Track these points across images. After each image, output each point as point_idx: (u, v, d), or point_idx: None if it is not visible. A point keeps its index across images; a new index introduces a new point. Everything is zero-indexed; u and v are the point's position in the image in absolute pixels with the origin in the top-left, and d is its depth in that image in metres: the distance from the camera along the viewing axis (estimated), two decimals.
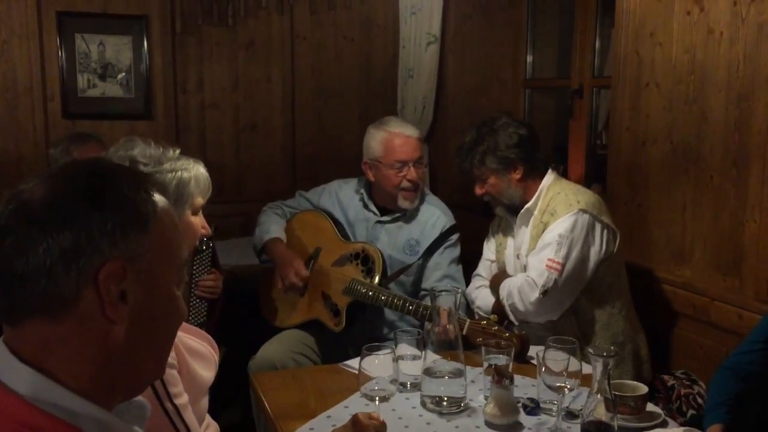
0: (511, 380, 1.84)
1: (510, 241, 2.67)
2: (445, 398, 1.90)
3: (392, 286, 2.66)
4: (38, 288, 0.86)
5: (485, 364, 1.94)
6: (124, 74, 4.00)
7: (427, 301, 2.38)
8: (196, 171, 1.60)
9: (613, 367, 2.37)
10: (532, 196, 2.55)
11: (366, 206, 2.79)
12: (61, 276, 0.86)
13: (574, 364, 1.78)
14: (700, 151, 2.52)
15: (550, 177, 2.56)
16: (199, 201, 1.62)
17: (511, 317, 2.44)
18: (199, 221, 1.64)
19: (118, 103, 4.02)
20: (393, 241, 2.73)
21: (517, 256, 2.60)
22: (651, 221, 2.77)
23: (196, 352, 1.60)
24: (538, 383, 1.86)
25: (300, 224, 2.82)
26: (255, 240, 2.81)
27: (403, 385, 2.02)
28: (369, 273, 2.59)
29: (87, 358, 0.89)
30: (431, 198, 2.84)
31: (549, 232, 2.44)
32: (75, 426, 0.86)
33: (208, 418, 1.72)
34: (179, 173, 1.55)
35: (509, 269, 2.64)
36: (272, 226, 2.78)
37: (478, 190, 2.60)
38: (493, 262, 2.72)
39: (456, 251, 2.77)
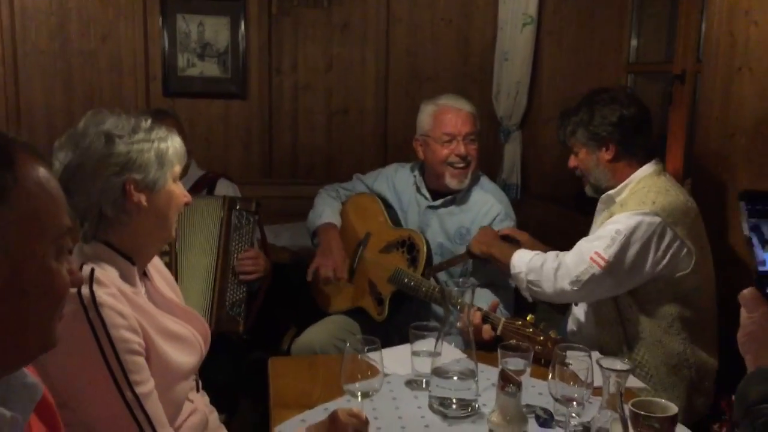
0: (519, 387, 1.68)
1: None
2: (454, 400, 1.78)
3: (442, 277, 2.54)
4: None
5: (500, 367, 1.80)
6: (222, 54, 4.10)
7: (478, 294, 2.25)
8: (172, 140, 1.57)
9: (660, 391, 2.16)
10: (619, 183, 2.35)
11: (419, 190, 2.68)
12: None
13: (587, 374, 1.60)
14: None
15: (648, 168, 2.33)
16: (177, 169, 1.60)
17: (524, 293, 2.29)
18: (180, 189, 1.62)
19: (215, 82, 4.13)
20: (444, 228, 2.61)
21: None
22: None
23: (174, 336, 1.57)
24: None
25: (353, 207, 2.77)
26: (308, 223, 2.79)
27: (417, 383, 1.92)
28: (413, 262, 2.49)
29: None
30: (486, 183, 2.68)
31: (609, 224, 2.24)
32: None
33: (197, 404, 1.70)
34: (156, 143, 1.53)
35: None
36: (326, 209, 2.74)
37: (570, 163, 2.47)
38: None
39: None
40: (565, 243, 2.62)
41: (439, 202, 2.65)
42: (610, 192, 2.36)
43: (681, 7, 3.22)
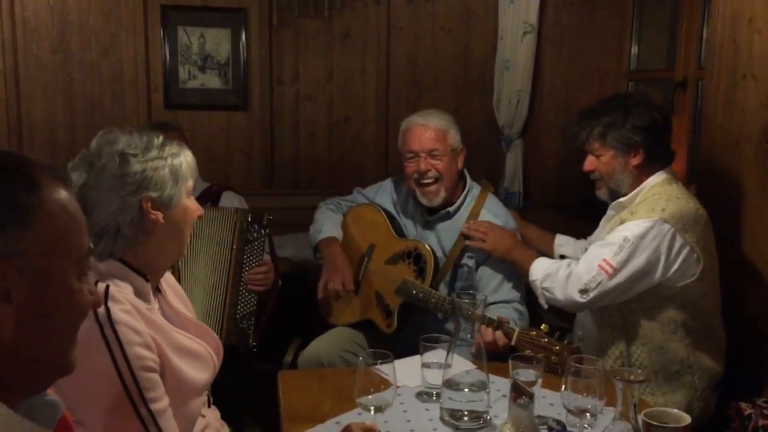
0: (531, 398, 1.68)
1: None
2: (466, 412, 1.78)
3: (442, 289, 2.54)
4: None
5: (511, 379, 1.80)
6: (223, 66, 4.10)
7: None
8: (184, 155, 1.58)
9: (657, 395, 2.17)
10: (634, 189, 2.34)
11: (416, 205, 2.68)
12: None
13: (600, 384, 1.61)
14: None
15: (660, 176, 2.32)
16: (191, 183, 1.60)
17: (541, 300, 2.30)
18: (193, 204, 1.62)
19: (216, 94, 4.13)
20: (441, 242, 2.60)
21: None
22: (744, 231, 2.47)
23: (188, 352, 1.57)
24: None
25: (355, 219, 2.76)
26: (310, 238, 2.79)
27: (428, 395, 1.92)
28: (421, 273, 2.49)
29: None
30: (491, 202, 2.65)
31: (618, 231, 2.24)
32: None
33: (208, 419, 1.70)
34: (169, 160, 1.53)
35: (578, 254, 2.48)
36: (326, 224, 2.74)
37: (588, 166, 2.38)
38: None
39: None
40: None
41: (435, 216, 2.64)
42: (623, 199, 2.35)
43: (682, 15, 3.23)
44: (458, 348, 1.88)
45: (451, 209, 2.62)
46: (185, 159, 1.58)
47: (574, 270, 2.23)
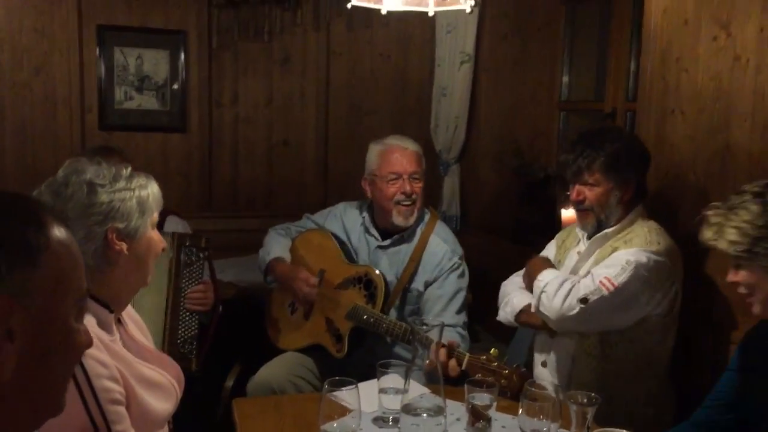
0: (489, 422, 1.75)
1: (572, 255, 2.50)
2: None
3: (392, 314, 2.59)
4: None
5: (467, 403, 1.86)
6: (161, 87, 4.06)
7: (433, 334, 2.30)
8: (151, 187, 1.58)
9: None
10: (619, 222, 2.37)
11: (367, 230, 2.73)
12: None
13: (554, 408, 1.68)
14: (724, 185, 2.37)
15: (641, 211, 2.38)
16: (156, 215, 1.61)
17: (533, 301, 2.34)
18: (157, 236, 1.62)
19: (154, 115, 4.09)
20: (393, 267, 2.66)
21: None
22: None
23: (151, 383, 1.56)
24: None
25: (304, 243, 2.78)
26: (259, 262, 2.79)
27: (385, 420, 1.95)
28: (371, 298, 2.53)
29: None
30: (440, 228, 2.72)
31: (618, 255, 2.28)
32: None
33: None
34: (137, 191, 1.54)
35: None
36: (274, 246, 2.75)
37: (577, 196, 2.35)
38: None
39: (460, 282, 2.64)
40: (503, 271, 2.70)
41: (388, 241, 2.70)
42: (607, 231, 2.37)
43: (611, 49, 3.42)
44: (413, 372, 1.93)
45: (405, 234, 2.68)
46: (152, 191, 1.58)
47: (578, 283, 2.28)
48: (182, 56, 4.05)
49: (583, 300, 2.24)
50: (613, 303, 2.23)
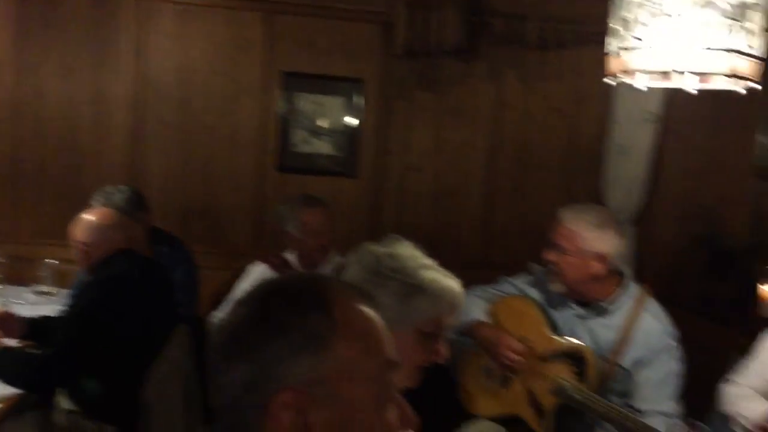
0: None
1: None
2: None
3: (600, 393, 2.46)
4: (229, 418, 0.86)
5: None
6: (335, 133, 4.13)
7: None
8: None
9: None
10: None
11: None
12: (245, 408, 0.84)
13: None
14: None
15: None
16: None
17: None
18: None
19: (327, 160, 4.16)
20: (596, 339, 2.52)
21: None
22: None
23: None
24: None
25: (505, 310, 2.69)
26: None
27: None
28: (582, 376, 2.42)
29: None
30: (650, 305, 2.57)
31: None
32: None
33: None
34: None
35: None
36: (473, 308, 2.67)
37: None
38: None
39: (674, 365, 2.47)
40: (689, 347, 2.50)
41: (584, 311, 2.57)
42: None
43: None
44: None
45: (604, 303, 2.54)
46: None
47: None
48: (358, 103, 4.11)
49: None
50: None
